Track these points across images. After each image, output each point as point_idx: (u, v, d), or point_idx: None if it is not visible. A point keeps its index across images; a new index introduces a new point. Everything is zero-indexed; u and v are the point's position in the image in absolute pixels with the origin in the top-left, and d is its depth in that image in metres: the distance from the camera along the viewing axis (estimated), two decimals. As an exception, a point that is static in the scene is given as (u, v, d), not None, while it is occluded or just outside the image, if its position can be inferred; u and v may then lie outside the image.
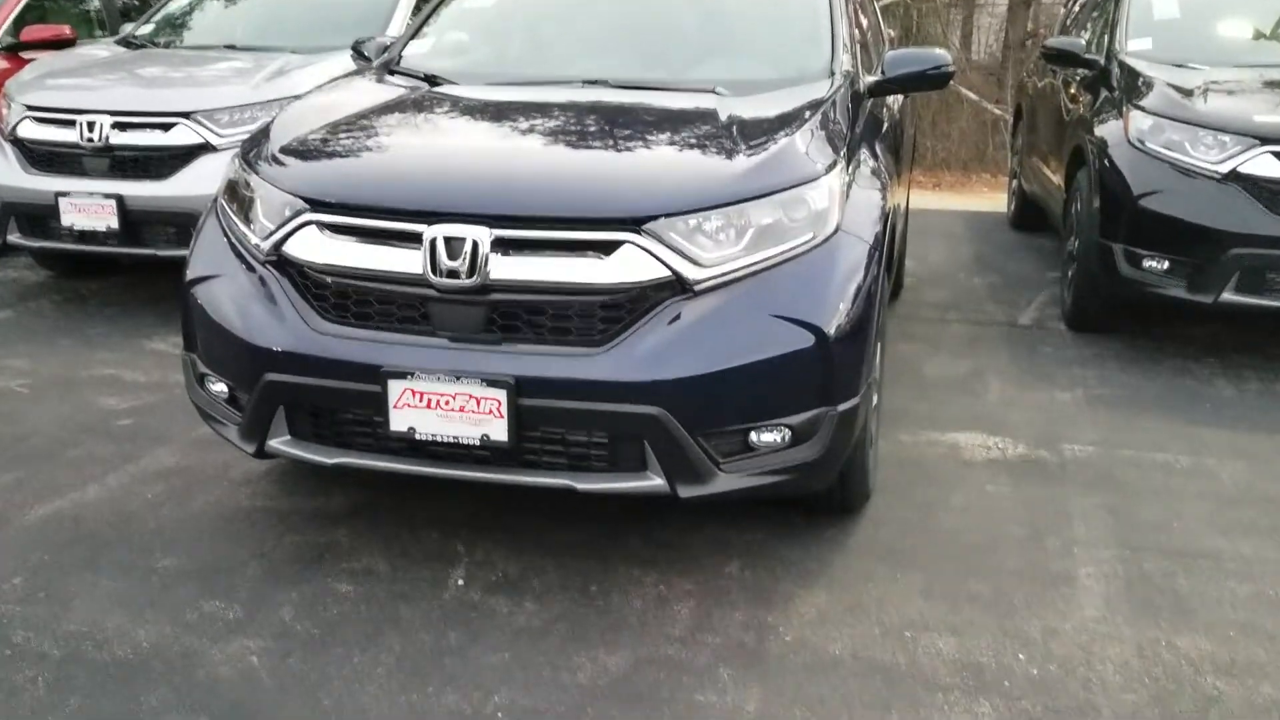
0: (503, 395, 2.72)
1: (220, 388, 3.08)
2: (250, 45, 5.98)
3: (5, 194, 5.31)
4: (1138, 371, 4.85)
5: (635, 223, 2.78)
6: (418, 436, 2.80)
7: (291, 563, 3.10)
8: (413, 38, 4.26)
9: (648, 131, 3.27)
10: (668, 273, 2.76)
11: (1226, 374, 4.84)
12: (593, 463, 2.82)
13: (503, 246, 2.78)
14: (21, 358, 4.73)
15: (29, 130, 5.32)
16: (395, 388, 2.78)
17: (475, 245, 2.76)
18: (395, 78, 3.91)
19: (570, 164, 3.10)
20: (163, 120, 5.15)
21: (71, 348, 4.88)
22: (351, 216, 2.91)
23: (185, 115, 5.15)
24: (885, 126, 4.21)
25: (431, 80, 3.80)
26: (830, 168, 3.03)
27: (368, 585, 2.99)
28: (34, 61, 6.28)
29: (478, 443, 2.77)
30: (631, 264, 2.75)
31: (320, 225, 2.92)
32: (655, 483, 2.79)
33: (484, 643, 2.75)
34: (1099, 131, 5.24)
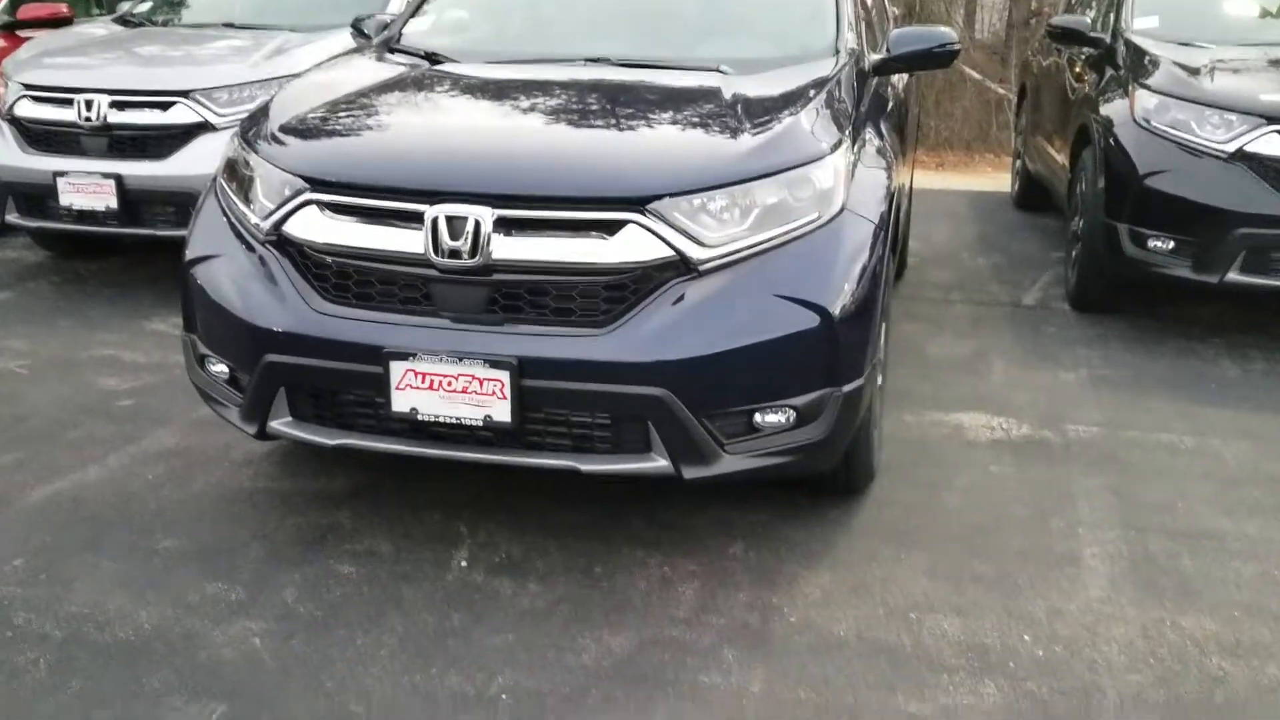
0: (506, 376, 2.70)
1: (221, 369, 3.07)
2: (249, 23, 5.94)
3: (3, 174, 5.29)
4: (1142, 352, 4.84)
5: (639, 202, 2.75)
6: (420, 418, 2.79)
7: (293, 544, 3.09)
8: (413, 15, 4.22)
9: (651, 110, 3.24)
10: (672, 253, 2.74)
11: (1231, 354, 4.82)
12: (596, 444, 2.81)
13: (505, 226, 2.76)
14: (21, 338, 4.71)
15: (26, 109, 5.28)
16: (397, 369, 2.76)
17: (477, 225, 2.74)
18: (395, 56, 3.87)
19: (573, 143, 3.07)
20: (161, 99, 5.12)
21: (71, 328, 4.86)
22: (352, 196, 2.88)
23: (184, 94, 5.12)
24: (890, 105, 4.19)
25: (432, 58, 3.76)
26: (835, 147, 3.01)
27: (370, 567, 2.99)
28: (31, 40, 6.25)
29: (480, 424, 2.76)
30: (635, 244, 2.73)
31: (320, 205, 2.90)
32: (659, 464, 2.78)
33: (487, 624, 2.74)
34: (1104, 110, 5.21)
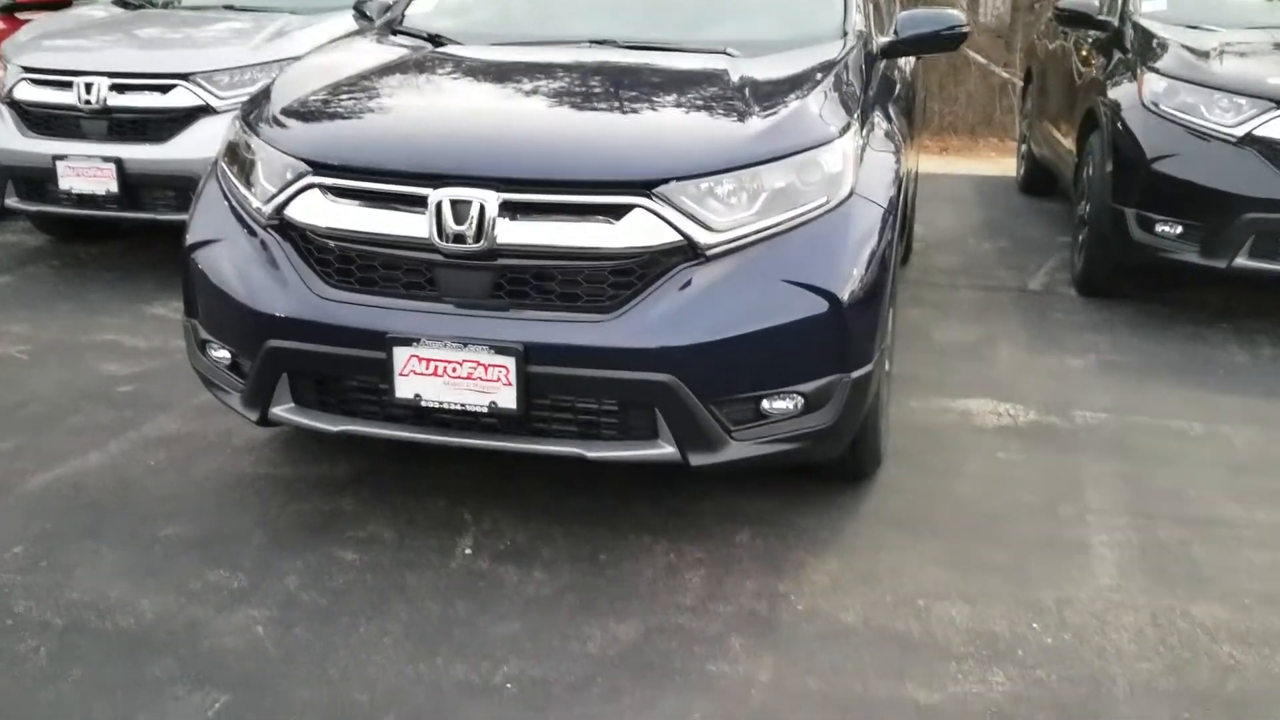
0: (511, 362, 2.67)
1: (222, 354, 3.04)
2: (249, 5, 5.90)
3: (2, 157, 5.24)
4: (1150, 337, 4.80)
5: (646, 186, 2.72)
6: (424, 404, 2.76)
7: (296, 531, 3.07)
8: (416, -4, 4.18)
9: (657, 93, 3.20)
10: (679, 237, 2.71)
11: (1240, 339, 4.79)
12: (603, 430, 2.78)
13: (510, 210, 2.72)
14: (21, 323, 4.68)
15: (26, 92, 5.24)
16: (400, 354, 2.73)
17: (482, 209, 2.71)
18: (398, 38, 3.83)
19: (579, 126, 3.04)
20: (161, 82, 5.08)
21: (71, 313, 4.83)
22: (355, 179, 2.85)
23: (184, 77, 5.08)
24: (898, 88, 4.15)
25: (435, 40, 3.72)
26: (844, 130, 2.97)
27: (374, 554, 2.96)
28: (30, 22, 6.20)
29: (485, 410, 2.73)
30: (642, 228, 2.70)
31: (323, 188, 2.87)
32: (666, 450, 2.75)
33: (492, 612, 2.72)
34: (1112, 94, 5.16)
